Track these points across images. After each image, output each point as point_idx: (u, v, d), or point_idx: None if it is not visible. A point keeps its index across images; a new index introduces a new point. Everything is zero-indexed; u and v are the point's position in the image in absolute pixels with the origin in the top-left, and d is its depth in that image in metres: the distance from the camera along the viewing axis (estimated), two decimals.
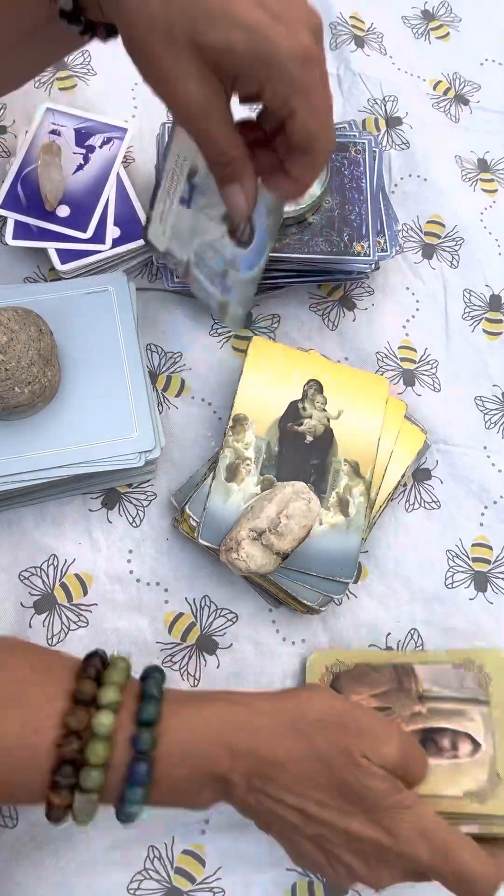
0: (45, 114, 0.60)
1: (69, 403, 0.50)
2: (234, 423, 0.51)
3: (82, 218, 0.56)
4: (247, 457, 0.50)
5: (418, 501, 0.56)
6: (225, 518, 0.49)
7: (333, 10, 0.72)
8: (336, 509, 0.49)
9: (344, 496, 0.50)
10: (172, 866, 0.45)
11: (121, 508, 0.53)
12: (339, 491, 0.50)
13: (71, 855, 0.45)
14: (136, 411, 0.50)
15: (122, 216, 0.57)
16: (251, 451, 0.51)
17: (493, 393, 0.60)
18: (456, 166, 0.68)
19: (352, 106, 0.69)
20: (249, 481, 0.50)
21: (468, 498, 0.57)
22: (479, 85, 0.73)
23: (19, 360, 0.46)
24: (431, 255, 0.64)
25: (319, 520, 0.49)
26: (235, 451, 0.50)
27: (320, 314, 0.61)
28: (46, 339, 0.48)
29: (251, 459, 0.50)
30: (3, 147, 0.62)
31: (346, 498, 0.50)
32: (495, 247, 0.66)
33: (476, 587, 0.54)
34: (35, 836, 0.45)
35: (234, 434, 0.51)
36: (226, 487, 0.49)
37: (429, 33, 0.74)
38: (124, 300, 0.53)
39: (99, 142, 0.59)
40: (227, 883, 0.45)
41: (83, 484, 0.51)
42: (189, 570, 0.52)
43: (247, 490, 0.49)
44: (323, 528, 0.49)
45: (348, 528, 0.49)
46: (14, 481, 0.47)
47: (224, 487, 0.49)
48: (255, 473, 0.50)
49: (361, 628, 0.52)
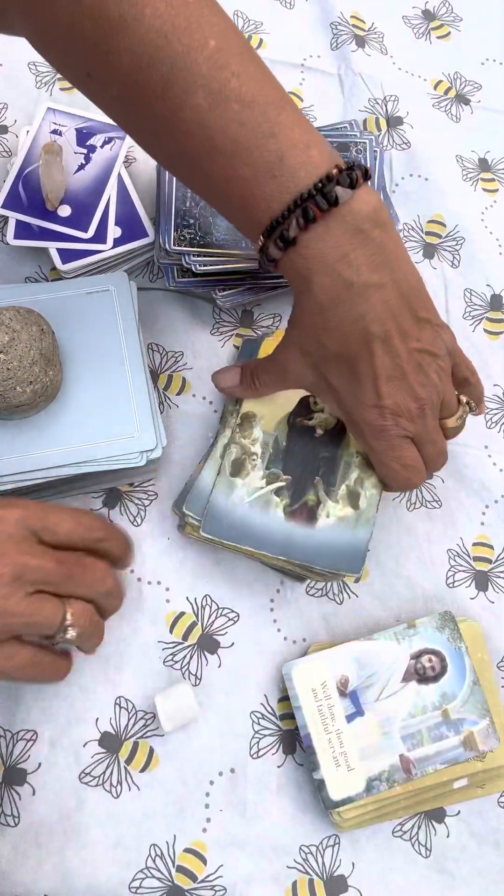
0: (47, 113, 0.60)
1: (71, 403, 0.50)
2: (242, 421, 0.51)
3: (83, 218, 0.56)
4: (253, 452, 0.50)
5: (419, 500, 0.56)
6: (228, 512, 0.49)
7: (334, 10, 0.72)
8: (345, 501, 0.49)
9: (354, 488, 0.49)
10: (174, 864, 0.45)
11: (122, 508, 0.53)
12: (349, 483, 0.50)
13: (72, 854, 0.45)
14: (137, 411, 0.50)
15: (123, 216, 0.57)
16: (258, 446, 0.51)
17: (495, 392, 0.60)
18: (457, 166, 0.68)
19: (353, 106, 0.69)
20: (255, 476, 0.50)
21: (469, 497, 0.57)
22: (480, 85, 0.73)
23: (21, 359, 0.46)
24: (432, 255, 0.64)
25: (327, 512, 0.49)
26: (242, 447, 0.50)
27: None
28: (48, 339, 0.48)
29: (257, 454, 0.50)
30: (4, 147, 0.62)
31: (356, 490, 0.49)
32: (496, 246, 0.66)
33: (477, 586, 0.54)
34: (37, 835, 0.45)
35: (242, 431, 0.51)
36: (230, 482, 0.49)
37: (430, 33, 0.75)
38: (125, 299, 0.53)
39: (100, 141, 0.59)
40: (229, 881, 0.45)
41: (85, 484, 0.51)
42: (190, 570, 0.52)
43: (251, 484, 0.49)
44: (330, 521, 0.49)
45: (357, 522, 0.49)
46: (16, 481, 0.47)
47: (228, 482, 0.49)
48: (260, 468, 0.50)
49: (362, 627, 0.52)
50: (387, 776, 0.45)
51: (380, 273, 0.40)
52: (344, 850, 0.47)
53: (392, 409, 0.43)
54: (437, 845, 0.48)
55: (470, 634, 0.50)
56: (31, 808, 0.46)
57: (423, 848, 0.48)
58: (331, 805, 0.45)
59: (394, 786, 0.45)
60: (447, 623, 0.49)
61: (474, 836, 0.48)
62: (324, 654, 0.49)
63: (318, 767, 0.46)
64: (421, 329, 0.43)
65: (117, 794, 0.46)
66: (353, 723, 0.47)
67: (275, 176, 0.39)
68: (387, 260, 0.41)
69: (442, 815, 0.48)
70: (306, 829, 0.47)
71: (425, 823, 0.48)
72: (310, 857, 0.47)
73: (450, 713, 0.47)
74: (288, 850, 0.47)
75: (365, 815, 0.46)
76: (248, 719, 0.49)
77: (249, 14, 0.71)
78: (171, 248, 0.54)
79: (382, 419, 0.44)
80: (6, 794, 0.46)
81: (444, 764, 0.46)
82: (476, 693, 0.47)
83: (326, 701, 0.47)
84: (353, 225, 0.39)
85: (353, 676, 0.48)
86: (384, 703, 0.47)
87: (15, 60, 0.65)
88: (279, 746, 0.49)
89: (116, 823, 0.46)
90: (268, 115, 0.39)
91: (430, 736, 0.46)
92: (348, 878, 0.46)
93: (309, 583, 0.53)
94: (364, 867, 0.47)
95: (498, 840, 0.48)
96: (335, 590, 0.53)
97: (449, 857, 0.48)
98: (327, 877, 0.46)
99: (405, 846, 0.48)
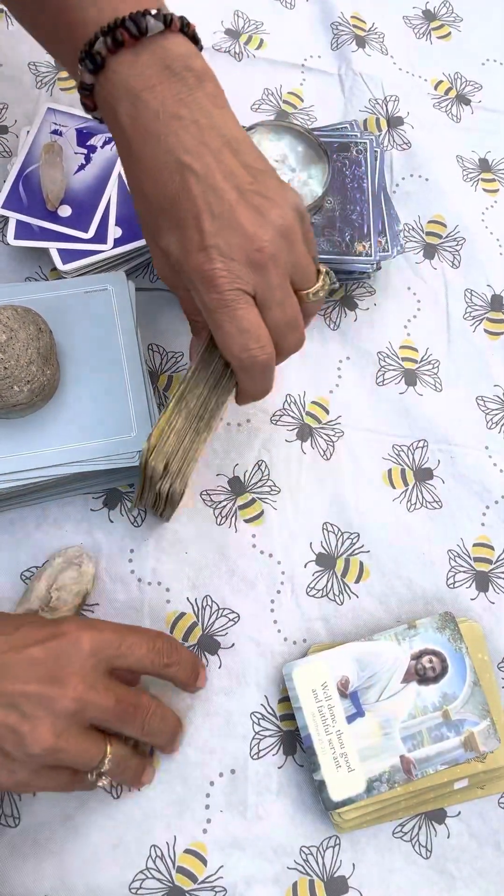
0: (47, 114, 0.60)
1: (68, 402, 0.50)
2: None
3: (84, 218, 0.56)
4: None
5: (420, 501, 0.56)
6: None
7: (335, 10, 0.72)
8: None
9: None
10: (174, 865, 0.45)
11: (122, 508, 0.53)
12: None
13: (72, 854, 0.45)
14: (134, 410, 0.50)
15: (123, 216, 0.57)
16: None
17: (495, 393, 0.60)
18: (457, 166, 0.68)
19: (353, 106, 0.69)
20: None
21: (470, 498, 0.57)
22: (481, 85, 0.73)
23: (18, 358, 0.46)
24: (433, 255, 0.64)
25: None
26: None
27: (321, 314, 0.61)
28: (45, 338, 0.48)
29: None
30: (4, 147, 0.62)
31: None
32: (496, 247, 0.66)
33: (477, 587, 0.54)
34: (36, 835, 0.45)
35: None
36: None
37: (430, 33, 0.74)
38: (123, 299, 0.53)
39: (100, 142, 0.59)
40: (229, 882, 0.45)
41: (84, 484, 0.51)
42: (190, 570, 0.52)
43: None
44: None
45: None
46: (13, 479, 0.47)
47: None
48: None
49: (363, 628, 0.52)
50: (387, 777, 0.45)
51: (190, 110, 0.39)
52: (344, 850, 0.47)
53: (221, 251, 0.38)
54: (437, 846, 0.48)
55: (470, 635, 0.50)
56: (31, 809, 0.46)
57: (423, 849, 0.48)
58: (331, 806, 0.45)
59: (394, 787, 0.45)
60: (447, 624, 0.49)
61: (475, 837, 0.48)
62: (324, 654, 0.49)
63: (319, 768, 0.46)
64: (256, 176, 0.39)
65: (117, 794, 0.46)
66: (354, 723, 0.47)
67: (96, 3, 0.40)
68: (198, 103, 0.39)
69: (442, 816, 0.48)
70: (307, 829, 0.47)
71: (426, 824, 0.48)
72: (310, 858, 0.47)
73: (450, 714, 0.47)
74: (288, 850, 0.46)
75: (365, 816, 0.46)
76: (249, 720, 0.49)
77: (249, 14, 0.71)
78: None
79: (210, 262, 0.38)
80: (6, 795, 0.46)
81: (444, 765, 0.46)
82: (476, 694, 0.47)
83: (327, 702, 0.47)
84: (161, 60, 0.39)
85: (353, 677, 0.48)
86: (385, 704, 0.47)
87: (15, 60, 0.65)
88: (280, 747, 0.48)
89: (116, 824, 0.46)
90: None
91: (430, 737, 0.46)
92: (349, 879, 0.46)
93: (309, 583, 0.53)
94: (364, 868, 0.47)
95: (498, 841, 0.48)
96: (335, 590, 0.53)
97: (449, 858, 0.47)
98: (328, 878, 0.46)
99: (406, 847, 0.47)
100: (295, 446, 0.57)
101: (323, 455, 0.57)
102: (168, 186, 0.39)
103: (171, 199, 0.39)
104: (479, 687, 0.48)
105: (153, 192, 0.40)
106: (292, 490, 0.55)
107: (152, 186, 0.39)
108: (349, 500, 0.55)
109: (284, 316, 0.40)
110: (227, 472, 0.55)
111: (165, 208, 0.39)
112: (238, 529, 0.53)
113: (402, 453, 0.57)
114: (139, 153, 0.40)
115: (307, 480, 0.56)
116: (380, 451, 0.57)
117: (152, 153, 0.39)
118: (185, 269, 0.39)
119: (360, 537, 0.54)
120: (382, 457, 0.57)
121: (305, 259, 0.41)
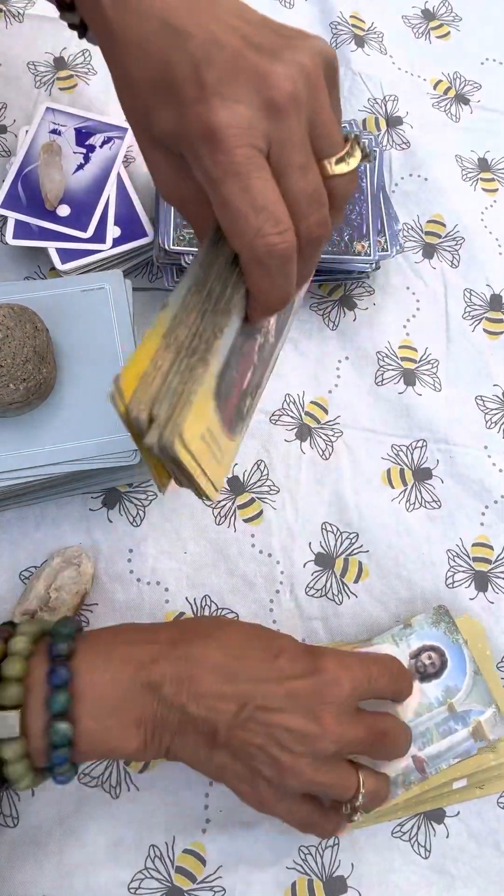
0: (46, 113, 0.60)
1: (64, 401, 0.50)
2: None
3: (83, 217, 0.56)
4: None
5: (419, 501, 0.56)
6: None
7: (334, 10, 0.72)
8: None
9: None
10: (173, 865, 0.45)
11: (121, 508, 0.53)
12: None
13: (71, 854, 0.45)
14: None
15: (122, 216, 0.57)
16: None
17: (494, 393, 0.60)
18: (456, 166, 0.68)
19: (352, 105, 0.69)
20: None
21: (469, 498, 0.57)
22: (480, 84, 0.73)
23: (14, 356, 0.46)
24: (432, 255, 0.64)
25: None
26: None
27: (320, 314, 0.61)
28: (42, 336, 0.48)
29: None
30: (3, 146, 0.62)
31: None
32: (496, 246, 0.65)
33: (477, 587, 0.54)
34: (36, 835, 0.45)
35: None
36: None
37: (429, 33, 0.74)
38: (120, 297, 0.53)
39: (99, 141, 0.59)
40: (228, 882, 0.45)
41: (83, 483, 0.51)
42: (189, 570, 0.52)
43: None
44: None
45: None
46: (9, 479, 0.47)
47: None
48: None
49: (362, 628, 0.52)
50: (402, 779, 0.45)
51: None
52: (343, 850, 0.47)
53: (225, 97, 0.29)
54: (436, 846, 0.48)
55: (471, 630, 0.50)
56: (30, 809, 0.46)
57: (422, 849, 0.48)
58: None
59: (410, 787, 0.45)
60: (442, 617, 0.49)
61: (473, 837, 0.48)
62: None
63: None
64: (263, 26, 0.32)
65: (116, 794, 0.46)
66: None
67: None
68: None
69: (441, 816, 0.48)
70: None
71: (425, 824, 0.48)
72: (309, 858, 0.46)
73: (455, 706, 0.47)
74: (287, 850, 0.46)
75: (365, 816, 0.46)
76: None
77: None
78: (171, 248, 0.54)
79: (212, 111, 0.29)
80: (6, 795, 0.46)
81: (457, 758, 0.45)
82: (479, 683, 0.47)
83: None
84: None
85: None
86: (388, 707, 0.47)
87: (14, 60, 0.65)
88: None
89: (116, 824, 0.46)
90: None
91: (438, 732, 0.46)
92: (347, 879, 0.46)
93: (308, 583, 0.53)
94: (363, 868, 0.47)
95: (497, 841, 0.48)
96: (334, 590, 0.53)
97: (448, 858, 0.47)
98: (326, 877, 0.46)
99: (404, 847, 0.47)
100: (294, 446, 0.57)
101: (322, 455, 0.56)
102: (157, 55, 0.31)
103: (162, 64, 0.31)
104: (481, 675, 0.48)
105: (140, 68, 0.32)
106: (291, 490, 0.55)
107: (138, 63, 0.32)
108: (348, 500, 0.55)
109: (307, 185, 0.31)
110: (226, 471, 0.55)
111: (155, 79, 0.31)
112: (237, 529, 0.53)
113: (401, 453, 0.57)
114: (123, 32, 0.32)
115: (306, 480, 0.56)
116: (379, 451, 0.57)
117: (137, 24, 0.32)
118: (183, 137, 0.31)
119: (359, 537, 0.54)
120: (381, 457, 0.57)
121: (330, 117, 0.31)
